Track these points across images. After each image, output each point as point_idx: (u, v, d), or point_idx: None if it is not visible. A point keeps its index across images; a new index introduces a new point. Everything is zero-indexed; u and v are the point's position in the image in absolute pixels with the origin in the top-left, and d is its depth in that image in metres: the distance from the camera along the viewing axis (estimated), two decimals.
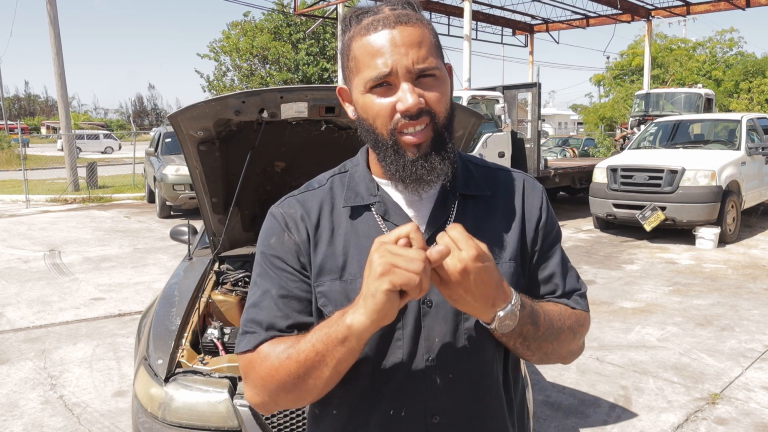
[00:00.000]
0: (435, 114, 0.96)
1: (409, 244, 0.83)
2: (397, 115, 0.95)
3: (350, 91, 1.02)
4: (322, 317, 1.00)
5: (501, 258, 1.03)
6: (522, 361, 1.18)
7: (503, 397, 1.07)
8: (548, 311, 1.03)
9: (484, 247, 0.88)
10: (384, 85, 0.95)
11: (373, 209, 1.03)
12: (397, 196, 1.04)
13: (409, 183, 0.98)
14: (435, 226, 1.02)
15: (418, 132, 0.95)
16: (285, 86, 2.53)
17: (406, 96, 0.93)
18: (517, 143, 10.51)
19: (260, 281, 1.05)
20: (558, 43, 21.91)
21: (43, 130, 50.96)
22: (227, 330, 2.53)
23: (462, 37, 14.70)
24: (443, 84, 0.98)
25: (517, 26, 20.90)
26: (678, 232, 8.94)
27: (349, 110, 1.05)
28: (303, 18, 19.55)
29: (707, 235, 8.18)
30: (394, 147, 0.97)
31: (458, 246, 0.86)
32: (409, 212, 1.03)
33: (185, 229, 3.56)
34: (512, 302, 0.93)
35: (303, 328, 1.00)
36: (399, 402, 1.00)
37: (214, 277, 2.94)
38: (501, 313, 0.92)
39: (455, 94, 10.15)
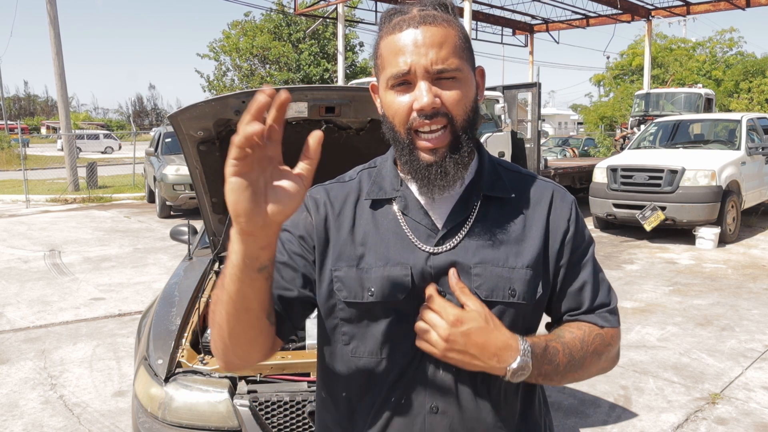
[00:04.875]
0: (452, 116, 0.97)
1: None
2: (414, 114, 0.96)
3: (378, 87, 1.04)
4: (332, 298, 1.03)
5: (516, 265, 1.02)
6: None
7: (512, 397, 1.06)
8: (568, 343, 1.02)
9: (473, 310, 0.94)
10: (404, 83, 0.97)
11: (394, 203, 1.05)
12: (420, 193, 1.05)
13: (421, 185, 1.00)
14: (453, 223, 1.02)
15: (433, 137, 0.97)
16: (285, 86, 2.53)
17: (421, 94, 0.94)
18: (517, 143, 10.50)
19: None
20: (558, 43, 21.92)
21: (43, 130, 50.99)
22: None
23: None
24: (464, 86, 0.98)
25: (517, 26, 20.90)
26: (678, 232, 8.94)
27: (378, 105, 1.07)
28: (303, 17, 19.55)
29: (707, 235, 8.18)
30: (410, 146, 0.98)
31: (440, 315, 0.93)
32: (430, 209, 1.04)
33: (185, 229, 3.56)
34: (522, 353, 0.95)
35: (282, 299, 1.02)
36: (401, 390, 1.02)
37: (214, 277, 2.94)
38: (512, 367, 0.94)
39: None
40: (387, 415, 1.03)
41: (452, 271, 0.98)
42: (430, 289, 0.97)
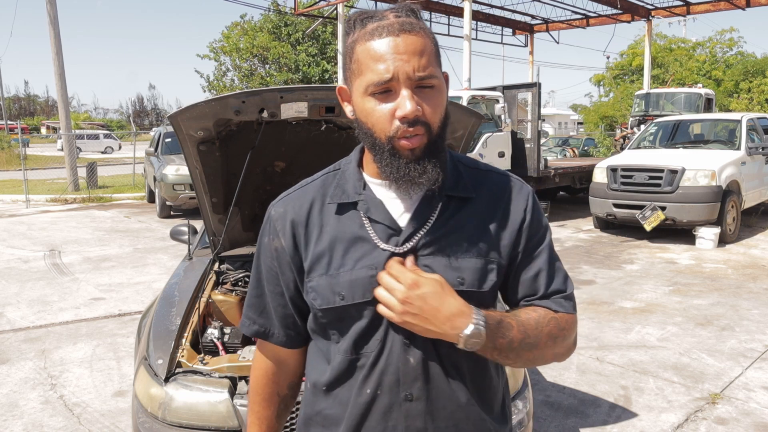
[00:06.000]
0: (430, 125, 1.01)
1: None
2: (396, 122, 0.99)
3: (350, 92, 1.06)
4: (312, 307, 1.11)
5: (467, 254, 1.06)
6: None
7: (482, 382, 1.11)
8: (524, 321, 1.06)
9: (429, 277, 0.99)
10: (385, 91, 0.99)
11: (358, 207, 1.09)
12: (385, 195, 1.09)
13: (401, 184, 1.03)
14: (415, 223, 1.06)
15: (413, 137, 1.00)
16: (285, 86, 2.53)
17: (405, 102, 0.97)
18: (517, 143, 10.50)
19: (256, 269, 1.19)
20: (558, 43, 21.92)
21: (43, 130, 50.95)
22: (227, 330, 2.53)
23: (462, 37, 14.71)
24: (440, 95, 1.02)
25: (517, 26, 20.90)
26: (678, 232, 8.94)
27: (348, 110, 1.10)
28: (301, 17, 19.54)
29: (707, 235, 8.18)
30: (391, 151, 1.01)
31: (398, 280, 0.98)
32: (392, 210, 1.08)
33: (185, 229, 3.55)
34: (474, 321, 0.99)
35: (287, 317, 1.17)
36: (376, 382, 1.06)
37: (214, 277, 2.94)
38: (464, 333, 0.98)
39: (455, 93, 10.17)
40: (365, 407, 1.07)
41: (409, 257, 1.03)
42: (392, 261, 1.02)
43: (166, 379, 2.14)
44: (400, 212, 1.08)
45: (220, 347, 2.44)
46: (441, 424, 1.07)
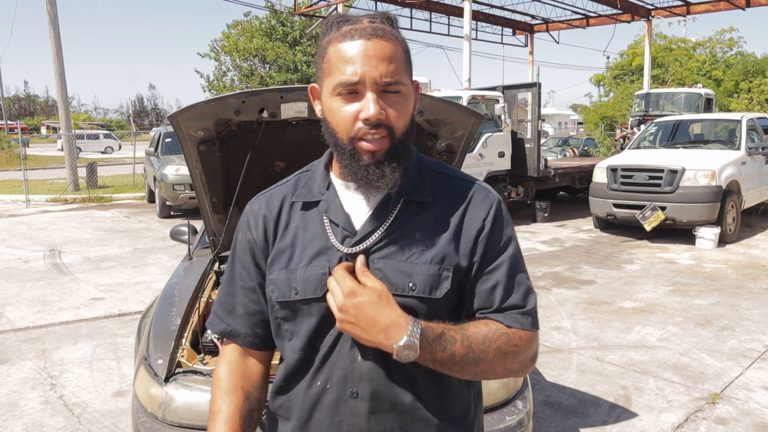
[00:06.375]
0: (393, 129, 1.03)
1: None
2: (359, 124, 1.01)
3: (320, 91, 1.08)
4: (271, 300, 1.13)
5: (420, 261, 1.06)
6: None
7: (439, 386, 1.10)
8: (470, 335, 1.04)
9: (369, 285, 1.01)
10: (351, 92, 1.01)
11: (319, 206, 1.13)
12: (346, 196, 1.11)
13: (360, 185, 1.06)
14: (371, 226, 1.08)
15: (374, 140, 1.02)
16: (285, 86, 2.53)
17: (369, 105, 1.00)
18: (517, 143, 10.50)
19: (230, 265, 1.21)
20: (558, 43, 21.93)
21: (43, 130, 50.95)
22: None
23: (462, 37, 14.72)
24: (406, 102, 1.04)
25: (517, 26, 20.90)
26: (678, 232, 8.94)
27: (317, 109, 1.11)
28: (299, 17, 19.53)
29: (707, 235, 8.18)
30: (351, 152, 1.03)
31: (339, 286, 1.01)
32: (351, 211, 1.10)
33: (185, 229, 3.55)
34: (409, 333, 0.99)
35: (255, 314, 1.17)
36: (326, 377, 1.09)
37: (214, 277, 2.94)
38: (398, 344, 0.99)
39: (455, 93, 10.17)
40: (314, 401, 1.10)
41: (360, 257, 1.05)
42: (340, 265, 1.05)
43: (166, 379, 2.14)
44: (358, 214, 1.10)
45: (220, 347, 2.44)
46: (385, 424, 1.07)
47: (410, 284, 1.05)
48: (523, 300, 1.10)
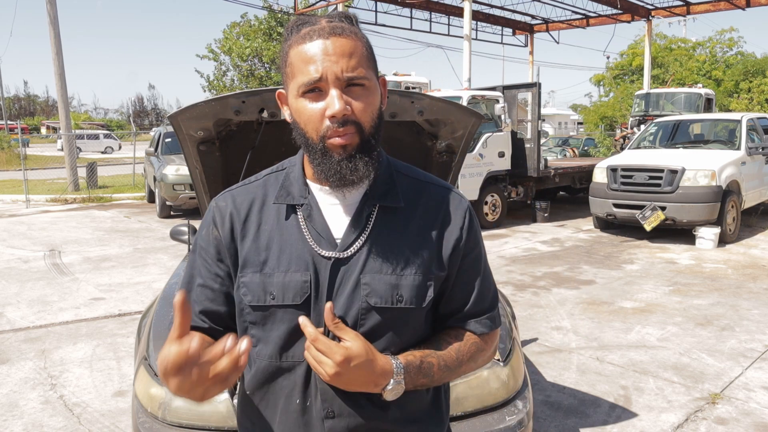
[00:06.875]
0: (361, 124, 1.03)
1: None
2: (327, 122, 1.01)
3: (287, 95, 1.09)
4: (241, 303, 1.10)
5: (405, 272, 1.07)
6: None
7: (414, 401, 1.11)
8: (444, 355, 1.10)
9: (358, 346, 1.00)
10: (315, 90, 1.01)
11: (299, 211, 1.10)
12: (323, 200, 1.11)
13: (333, 182, 1.05)
14: (351, 234, 1.08)
15: (345, 134, 1.02)
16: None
17: (333, 101, 0.99)
18: (517, 143, 10.50)
19: (189, 265, 1.17)
20: (558, 43, 21.94)
21: (43, 130, 50.95)
22: None
23: (462, 37, 14.72)
24: (371, 95, 1.04)
25: (517, 26, 20.90)
26: (678, 232, 8.94)
27: (286, 113, 1.12)
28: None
29: (707, 235, 8.18)
30: (323, 150, 1.03)
31: (327, 356, 0.98)
32: (330, 218, 1.10)
33: (185, 229, 3.55)
34: (395, 376, 1.03)
35: (211, 314, 1.13)
36: (300, 394, 1.09)
37: None
38: (386, 389, 1.03)
39: (455, 93, 10.16)
40: (289, 418, 1.10)
41: (328, 307, 1.01)
42: (312, 330, 1.00)
43: None
44: (335, 219, 1.09)
45: None
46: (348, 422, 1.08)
47: (397, 296, 1.06)
48: (491, 303, 1.17)
